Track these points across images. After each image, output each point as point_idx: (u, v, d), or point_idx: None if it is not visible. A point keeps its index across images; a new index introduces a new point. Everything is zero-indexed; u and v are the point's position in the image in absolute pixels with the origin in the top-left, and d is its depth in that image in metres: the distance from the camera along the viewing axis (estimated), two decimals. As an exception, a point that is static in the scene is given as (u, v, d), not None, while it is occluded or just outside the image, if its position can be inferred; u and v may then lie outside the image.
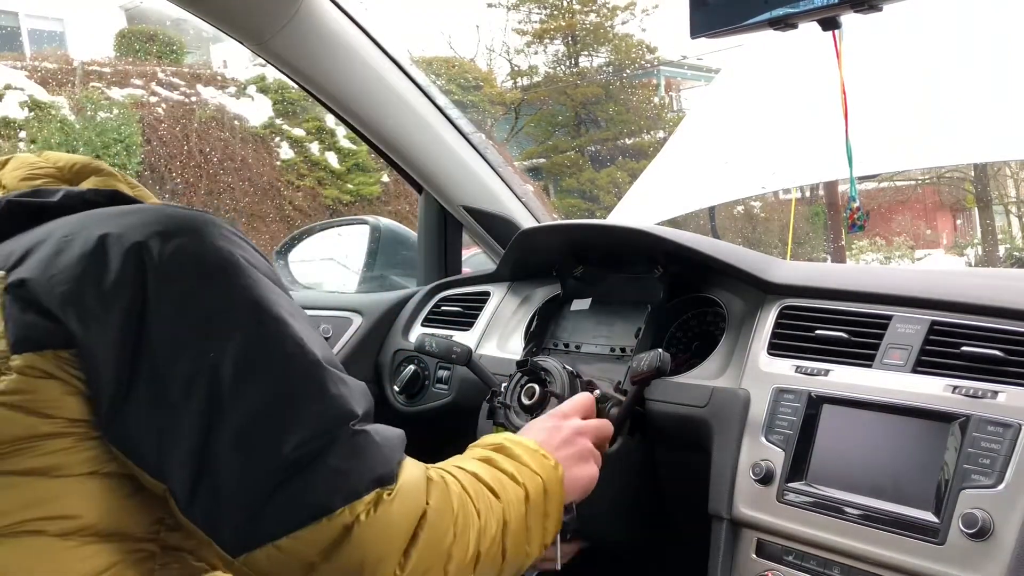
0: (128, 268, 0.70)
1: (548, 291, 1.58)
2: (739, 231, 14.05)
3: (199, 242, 0.73)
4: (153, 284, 0.70)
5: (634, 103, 16.72)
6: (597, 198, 15.23)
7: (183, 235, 0.73)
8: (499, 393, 1.31)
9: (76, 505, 0.69)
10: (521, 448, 0.94)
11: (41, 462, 0.68)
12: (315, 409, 0.72)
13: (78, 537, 0.69)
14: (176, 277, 0.71)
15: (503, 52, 17.41)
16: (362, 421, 0.75)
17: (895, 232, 14.03)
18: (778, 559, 1.05)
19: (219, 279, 0.73)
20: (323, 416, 0.72)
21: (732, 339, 1.23)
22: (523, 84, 17.17)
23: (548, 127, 16.84)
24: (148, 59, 11.80)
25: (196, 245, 0.73)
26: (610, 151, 16.14)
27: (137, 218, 0.74)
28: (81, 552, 0.68)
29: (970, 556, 0.87)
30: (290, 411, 0.71)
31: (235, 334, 0.71)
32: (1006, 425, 0.89)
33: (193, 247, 0.73)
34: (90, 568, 0.68)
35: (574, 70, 16.88)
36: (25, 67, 10.51)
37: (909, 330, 1.04)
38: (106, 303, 0.69)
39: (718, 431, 1.14)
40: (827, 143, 3.91)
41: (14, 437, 0.68)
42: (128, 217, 0.75)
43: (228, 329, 0.71)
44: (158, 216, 0.75)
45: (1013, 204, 13.83)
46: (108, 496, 0.70)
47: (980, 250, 12.82)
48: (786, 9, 0.79)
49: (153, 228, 0.72)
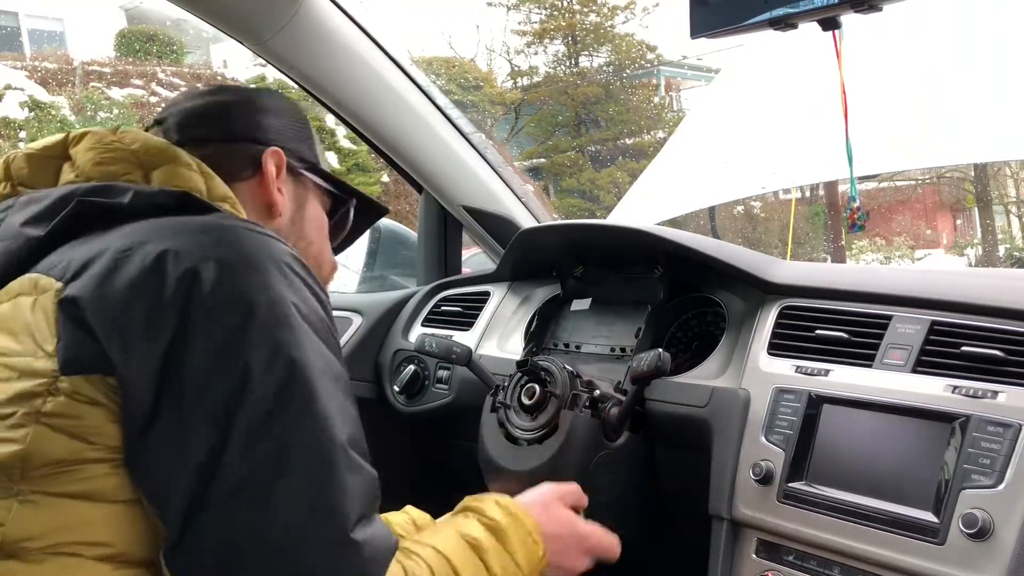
0: (178, 297, 0.68)
1: (548, 291, 1.58)
2: (739, 231, 14.05)
3: (254, 282, 0.71)
4: (197, 319, 0.68)
5: (634, 103, 16.72)
6: (597, 198, 15.22)
7: (240, 269, 0.71)
8: (499, 392, 1.31)
9: (110, 532, 0.68)
10: (516, 537, 0.87)
11: (81, 486, 0.68)
12: (314, 498, 0.69)
13: (112, 562, 0.68)
14: (221, 316, 0.69)
15: (503, 52, 17.43)
16: (358, 526, 0.71)
17: (895, 232, 14.03)
18: (778, 559, 1.05)
19: (264, 330, 0.70)
20: (318, 509, 0.69)
21: (732, 339, 1.23)
22: (523, 84, 17.17)
23: (548, 127, 16.84)
24: (148, 59, 11.81)
25: (250, 285, 0.71)
26: (610, 151, 16.14)
27: (197, 238, 0.72)
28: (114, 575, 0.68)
29: (970, 556, 0.87)
30: (288, 490, 0.68)
31: (261, 391, 0.68)
32: (1006, 425, 0.89)
33: (246, 287, 0.70)
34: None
35: (574, 70, 16.87)
36: (25, 67, 10.51)
37: (909, 330, 1.04)
38: (150, 335, 0.68)
39: (718, 431, 1.14)
40: (827, 143, 3.91)
41: (57, 460, 0.67)
42: (188, 235, 0.73)
43: (256, 384, 0.68)
44: (220, 237, 0.73)
45: (1013, 204, 13.82)
46: (140, 524, 0.70)
47: (980, 250, 12.82)
48: (786, 9, 0.79)
49: (211, 252, 0.71)
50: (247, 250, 0.73)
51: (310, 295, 0.76)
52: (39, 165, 0.85)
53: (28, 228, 0.78)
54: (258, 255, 0.73)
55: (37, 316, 0.71)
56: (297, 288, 0.74)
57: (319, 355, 0.73)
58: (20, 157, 0.86)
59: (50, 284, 0.72)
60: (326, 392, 0.72)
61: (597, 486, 1.20)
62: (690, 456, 1.19)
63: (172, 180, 0.83)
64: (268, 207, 0.94)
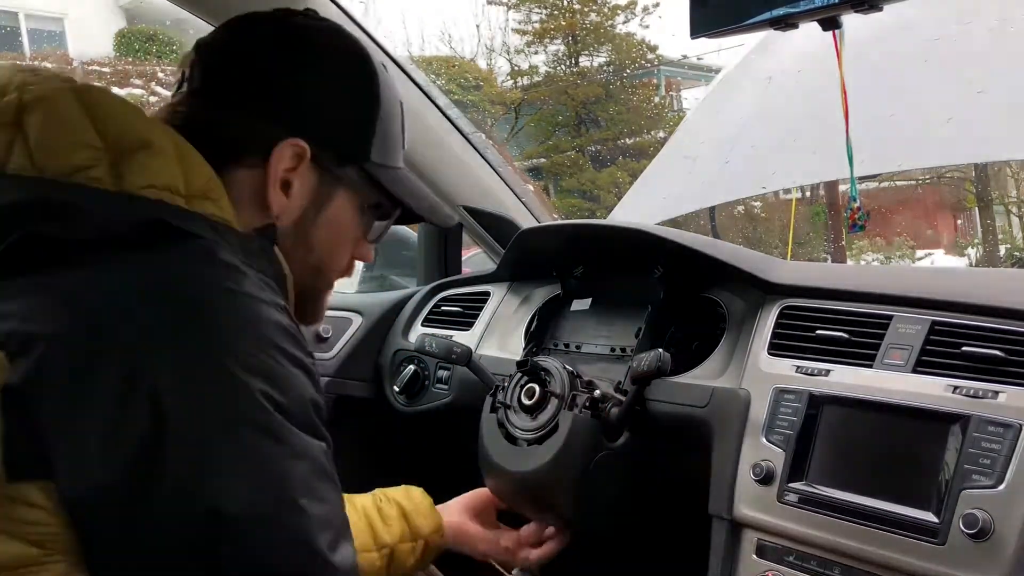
0: (144, 410, 0.58)
1: (548, 291, 1.58)
2: (739, 231, 14.03)
3: (220, 381, 0.61)
4: (171, 434, 0.59)
5: (634, 103, 16.70)
6: (598, 198, 15.21)
7: (208, 379, 0.61)
8: (499, 392, 1.31)
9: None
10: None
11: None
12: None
13: None
14: (187, 442, 0.59)
15: (503, 52, 17.40)
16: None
17: (895, 232, 14.02)
18: (778, 559, 1.05)
19: (238, 455, 0.61)
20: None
21: (732, 339, 1.23)
22: (523, 84, 17.16)
23: (548, 127, 16.82)
24: (148, 59, 11.80)
25: (218, 386, 0.61)
26: (610, 151, 16.12)
27: (162, 328, 0.61)
28: None
29: (970, 556, 0.87)
30: None
31: (244, 509, 0.60)
32: (1007, 425, 0.89)
33: (216, 390, 0.60)
34: None
35: (574, 70, 16.85)
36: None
37: (910, 330, 1.04)
38: (114, 451, 0.58)
39: (718, 431, 1.14)
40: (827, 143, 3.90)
41: (4, 566, 0.58)
42: (151, 323, 0.61)
43: (233, 521, 0.59)
44: (187, 324, 0.62)
45: (1014, 204, 13.81)
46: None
47: (980, 250, 12.81)
48: (786, 9, 0.79)
49: (177, 358, 0.60)
50: (218, 345, 0.62)
51: (293, 373, 0.65)
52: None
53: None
54: (230, 350, 0.62)
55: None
56: (277, 378, 0.64)
57: (303, 454, 0.64)
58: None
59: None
60: (310, 497, 0.64)
61: (597, 486, 1.20)
62: (690, 456, 1.19)
63: (144, 176, 0.68)
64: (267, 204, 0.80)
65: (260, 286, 0.68)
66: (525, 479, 1.23)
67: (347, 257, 0.91)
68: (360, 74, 0.84)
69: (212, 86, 0.80)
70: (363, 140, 0.84)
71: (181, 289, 0.64)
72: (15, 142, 0.67)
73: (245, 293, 0.66)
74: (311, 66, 0.81)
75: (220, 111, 0.79)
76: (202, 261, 0.66)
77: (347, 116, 0.83)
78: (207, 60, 0.81)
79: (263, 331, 0.65)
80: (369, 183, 0.86)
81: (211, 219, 0.70)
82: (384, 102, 0.85)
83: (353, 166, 0.84)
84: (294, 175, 0.80)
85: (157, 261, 0.65)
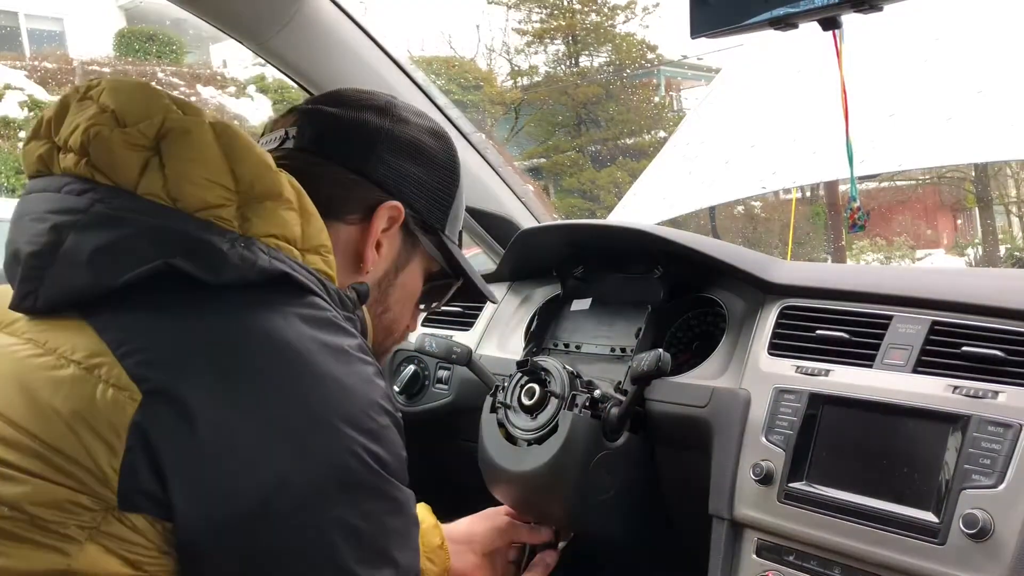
0: (268, 479, 0.63)
1: (548, 291, 1.58)
2: (739, 231, 14.04)
3: (340, 444, 0.66)
4: (286, 500, 0.64)
5: (634, 103, 16.71)
6: (598, 198, 15.22)
7: (329, 437, 0.66)
8: (499, 392, 1.31)
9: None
10: None
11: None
12: None
13: None
14: (308, 492, 0.65)
15: (503, 52, 17.40)
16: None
17: (895, 232, 14.02)
18: (778, 559, 1.05)
19: (355, 492, 0.67)
20: None
21: (732, 339, 1.23)
22: (523, 84, 17.16)
23: (548, 127, 16.83)
24: (148, 59, 11.81)
25: (338, 449, 0.66)
26: (611, 151, 16.13)
27: (293, 400, 0.66)
28: None
29: (970, 556, 0.87)
30: None
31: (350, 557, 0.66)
32: (1007, 425, 0.89)
33: (334, 452, 0.66)
34: None
35: (574, 70, 16.86)
36: (25, 67, 10.52)
37: (910, 330, 1.04)
38: (236, 513, 0.63)
39: (718, 431, 1.14)
40: (827, 143, 3.91)
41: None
42: (287, 394, 0.66)
43: (344, 556, 0.66)
44: (308, 399, 0.66)
45: (1014, 204, 13.82)
46: None
47: (981, 250, 12.81)
48: (786, 9, 0.79)
49: (304, 418, 0.65)
50: (326, 413, 0.67)
51: (392, 429, 0.72)
52: (123, 157, 0.70)
53: (99, 264, 0.66)
54: (340, 410, 0.67)
55: (107, 422, 0.62)
56: (380, 437, 0.69)
57: (401, 508, 0.72)
58: (107, 137, 0.70)
59: (126, 385, 0.63)
60: (402, 548, 0.72)
61: (597, 486, 1.20)
62: (690, 456, 1.19)
63: (269, 225, 0.72)
64: (359, 260, 0.86)
65: (364, 347, 0.73)
66: (525, 479, 1.23)
67: (409, 320, 0.97)
68: (447, 151, 0.94)
69: (323, 146, 0.87)
70: (443, 212, 0.93)
71: (300, 347, 0.67)
72: (149, 165, 0.70)
73: (354, 356, 0.71)
74: (413, 139, 0.91)
75: (329, 169, 0.85)
76: (318, 321, 0.70)
77: (435, 188, 0.92)
78: (318, 123, 0.88)
79: (367, 392, 0.70)
80: (440, 253, 0.94)
81: (318, 275, 0.75)
82: (461, 182, 0.96)
83: (432, 235, 0.93)
84: (386, 236, 0.88)
85: (282, 312, 0.69)
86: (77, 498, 0.62)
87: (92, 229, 0.67)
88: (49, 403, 0.64)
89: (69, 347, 0.66)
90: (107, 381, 0.63)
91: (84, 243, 0.67)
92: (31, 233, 0.69)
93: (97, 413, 0.62)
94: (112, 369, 0.63)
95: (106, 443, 0.62)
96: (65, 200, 0.69)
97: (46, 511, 0.61)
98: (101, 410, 0.62)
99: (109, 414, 0.62)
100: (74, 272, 0.67)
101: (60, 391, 0.64)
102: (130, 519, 0.62)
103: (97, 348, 0.65)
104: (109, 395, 0.63)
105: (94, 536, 0.62)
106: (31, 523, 0.61)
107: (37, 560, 0.61)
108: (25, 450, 0.63)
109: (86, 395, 0.63)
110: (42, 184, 0.73)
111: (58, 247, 0.67)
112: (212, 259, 0.68)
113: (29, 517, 0.61)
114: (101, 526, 0.62)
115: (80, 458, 0.62)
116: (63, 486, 0.62)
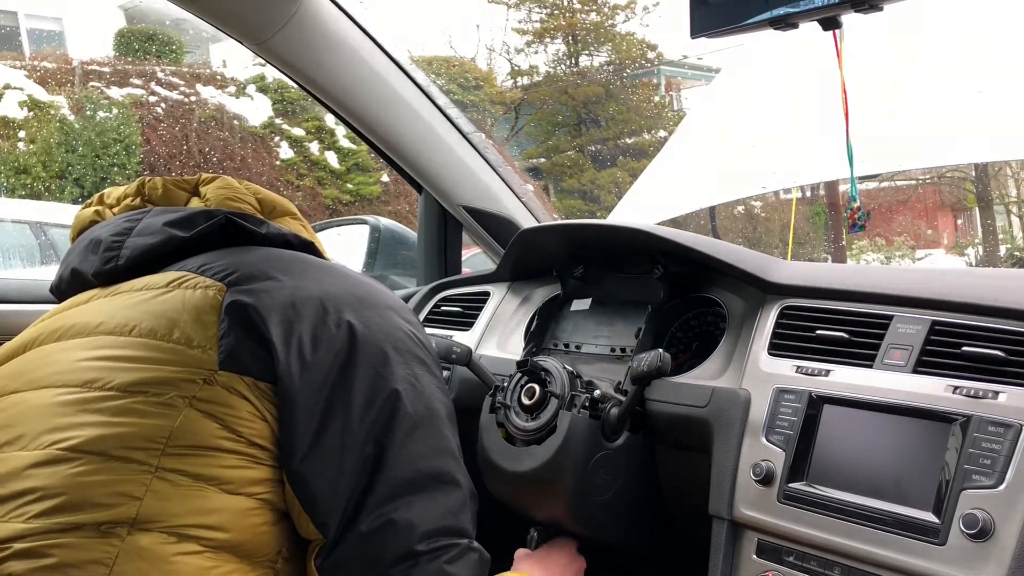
0: (343, 332, 0.81)
1: (548, 291, 1.58)
2: (739, 231, 14.04)
3: (392, 321, 0.86)
4: (355, 360, 0.80)
5: (635, 103, 16.70)
6: (598, 198, 15.21)
7: (381, 313, 0.86)
8: (499, 392, 1.30)
9: (228, 521, 0.73)
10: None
11: (213, 472, 0.74)
12: (448, 506, 0.81)
13: (219, 551, 0.72)
14: (371, 357, 0.82)
15: (503, 51, 17.39)
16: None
17: (896, 232, 14.01)
18: (778, 559, 1.05)
19: (408, 357, 0.85)
20: (451, 515, 0.81)
21: (732, 339, 1.23)
22: (523, 84, 17.15)
23: (548, 127, 16.81)
24: (147, 59, 11.79)
25: (390, 324, 0.86)
26: (611, 151, 16.12)
27: (345, 284, 0.87)
28: (214, 562, 0.72)
29: (970, 557, 0.87)
30: (429, 498, 0.80)
31: (407, 412, 0.81)
32: (1007, 425, 0.89)
33: (389, 326, 0.85)
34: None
35: (574, 69, 16.86)
36: (24, 67, 10.49)
37: (910, 330, 1.04)
38: (318, 365, 0.78)
39: (718, 431, 1.14)
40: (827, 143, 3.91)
41: (199, 444, 0.74)
42: (338, 280, 0.87)
43: (403, 410, 0.81)
44: (356, 287, 0.88)
45: (1014, 204, 13.81)
46: (255, 519, 0.75)
47: (981, 250, 12.81)
48: (786, 9, 0.79)
49: (359, 297, 0.86)
50: (379, 300, 0.88)
51: (417, 325, 0.91)
52: (173, 191, 0.97)
53: (172, 228, 0.89)
54: (386, 302, 0.89)
55: (199, 310, 0.80)
56: (415, 324, 0.91)
57: (440, 377, 0.89)
58: (156, 181, 0.97)
59: (211, 283, 0.82)
60: (446, 415, 0.87)
61: (596, 486, 1.20)
62: (690, 456, 1.19)
63: (293, 230, 0.97)
64: None
65: None
66: (524, 479, 1.23)
67: None
68: None
69: None
70: None
71: (344, 272, 0.92)
72: (191, 200, 0.97)
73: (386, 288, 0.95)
74: None
75: None
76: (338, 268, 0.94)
77: None
78: None
79: (403, 303, 0.94)
80: None
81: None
82: None
83: None
84: None
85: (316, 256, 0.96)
86: (178, 373, 0.76)
87: (159, 215, 0.91)
88: (149, 310, 0.81)
89: (154, 280, 0.85)
90: (194, 287, 0.82)
91: (156, 220, 0.90)
92: (110, 229, 0.92)
93: (191, 307, 0.80)
94: (197, 279, 0.83)
95: (202, 323, 0.78)
96: (127, 218, 0.94)
97: (152, 387, 0.75)
98: (194, 304, 0.80)
99: (200, 304, 0.80)
100: (151, 237, 0.88)
101: (156, 302, 0.82)
102: (231, 382, 0.76)
103: (180, 273, 0.85)
104: (199, 293, 0.81)
105: (193, 404, 0.74)
106: (144, 395, 0.75)
107: (145, 426, 0.73)
108: (136, 347, 0.78)
109: (179, 297, 0.81)
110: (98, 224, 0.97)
111: (133, 229, 0.91)
112: (255, 220, 0.93)
113: (143, 391, 0.75)
114: (198, 394, 0.75)
115: (181, 339, 0.78)
116: (168, 364, 0.76)
